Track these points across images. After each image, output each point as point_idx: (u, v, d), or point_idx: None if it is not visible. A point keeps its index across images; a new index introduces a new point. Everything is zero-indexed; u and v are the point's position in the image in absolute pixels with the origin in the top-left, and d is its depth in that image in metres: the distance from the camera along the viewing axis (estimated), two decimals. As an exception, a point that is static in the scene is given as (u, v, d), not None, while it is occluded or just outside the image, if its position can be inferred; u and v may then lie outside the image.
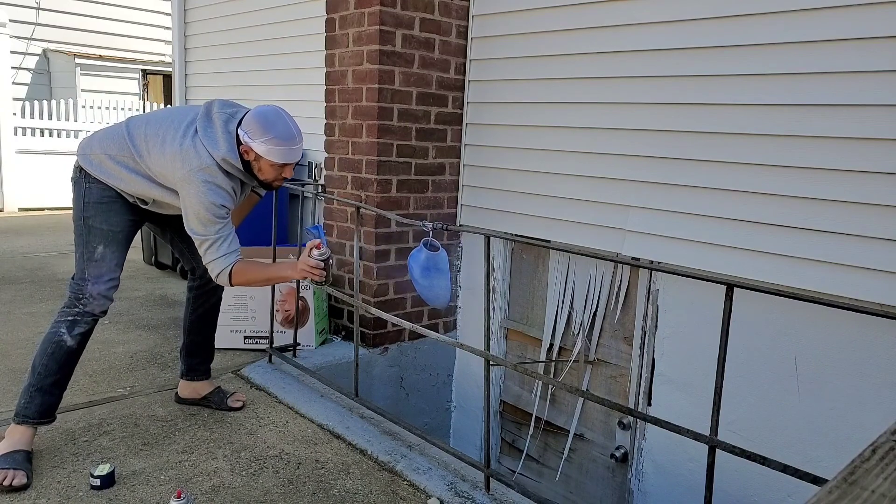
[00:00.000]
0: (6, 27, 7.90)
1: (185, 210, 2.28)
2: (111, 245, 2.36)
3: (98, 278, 2.34)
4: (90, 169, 2.36)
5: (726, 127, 2.66)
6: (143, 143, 2.32)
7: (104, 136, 2.40)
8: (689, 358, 2.88)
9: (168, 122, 2.33)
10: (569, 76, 3.19)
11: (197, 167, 2.24)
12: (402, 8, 3.38)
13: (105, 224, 2.36)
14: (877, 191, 2.30)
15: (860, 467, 0.62)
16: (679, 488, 2.94)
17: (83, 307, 2.34)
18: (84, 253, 2.34)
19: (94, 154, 2.37)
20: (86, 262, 2.34)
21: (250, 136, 2.26)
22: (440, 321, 3.86)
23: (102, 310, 2.38)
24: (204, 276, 2.61)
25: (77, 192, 2.38)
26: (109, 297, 2.39)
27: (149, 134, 2.32)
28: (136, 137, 2.34)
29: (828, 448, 2.48)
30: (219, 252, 2.30)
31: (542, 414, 3.57)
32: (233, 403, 2.77)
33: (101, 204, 2.36)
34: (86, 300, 2.33)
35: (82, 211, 2.36)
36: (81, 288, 2.33)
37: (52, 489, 2.13)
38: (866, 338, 2.39)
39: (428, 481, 2.29)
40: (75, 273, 2.37)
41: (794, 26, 2.44)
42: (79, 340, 2.34)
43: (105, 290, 2.36)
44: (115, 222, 2.38)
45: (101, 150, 2.36)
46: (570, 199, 3.23)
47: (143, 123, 2.37)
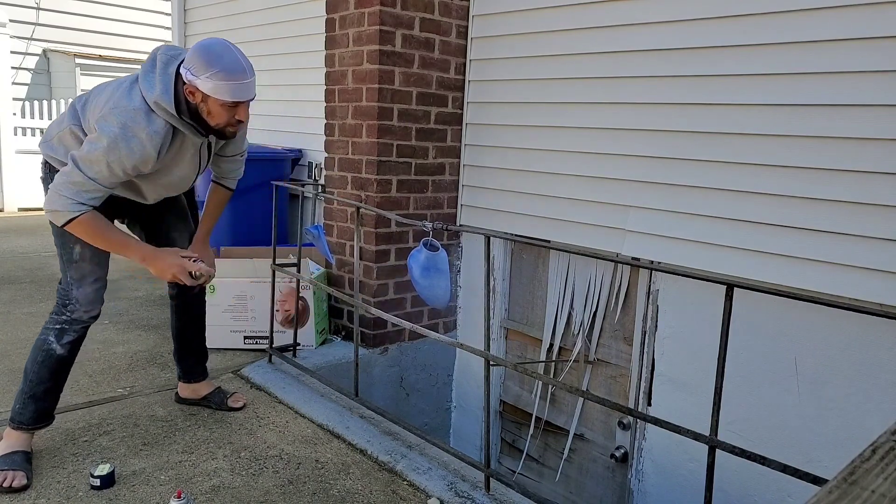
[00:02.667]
0: (6, 27, 7.89)
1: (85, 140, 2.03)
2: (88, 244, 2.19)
3: (81, 281, 2.20)
4: (55, 155, 2.17)
5: (726, 127, 2.66)
6: (91, 105, 2.11)
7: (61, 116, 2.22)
8: (689, 358, 2.88)
9: (115, 81, 2.13)
10: (569, 76, 3.19)
11: (122, 107, 1.98)
12: (402, 8, 3.38)
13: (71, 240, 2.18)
14: (877, 191, 2.30)
15: (860, 467, 0.62)
16: (679, 488, 2.94)
17: (70, 314, 2.22)
18: (63, 255, 2.21)
19: (54, 137, 2.17)
20: (66, 265, 2.21)
21: (193, 72, 1.98)
22: (440, 321, 3.86)
23: (91, 315, 2.27)
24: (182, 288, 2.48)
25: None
26: (97, 300, 2.26)
27: (95, 94, 2.11)
28: (86, 103, 2.14)
29: (828, 448, 2.48)
30: (76, 196, 2.01)
31: (542, 414, 3.56)
32: (233, 403, 2.74)
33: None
34: (72, 306, 2.22)
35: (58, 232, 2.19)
36: (67, 293, 2.22)
37: (52, 489, 2.13)
38: (866, 338, 2.39)
39: (428, 481, 2.29)
40: (61, 278, 2.27)
41: (794, 26, 2.44)
42: (69, 349, 2.26)
43: (91, 294, 2.23)
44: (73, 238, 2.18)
45: (58, 128, 2.17)
46: (570, 199, 3.23)
47: (94, 92, 2.17)
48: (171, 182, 2.27)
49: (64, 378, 2.32)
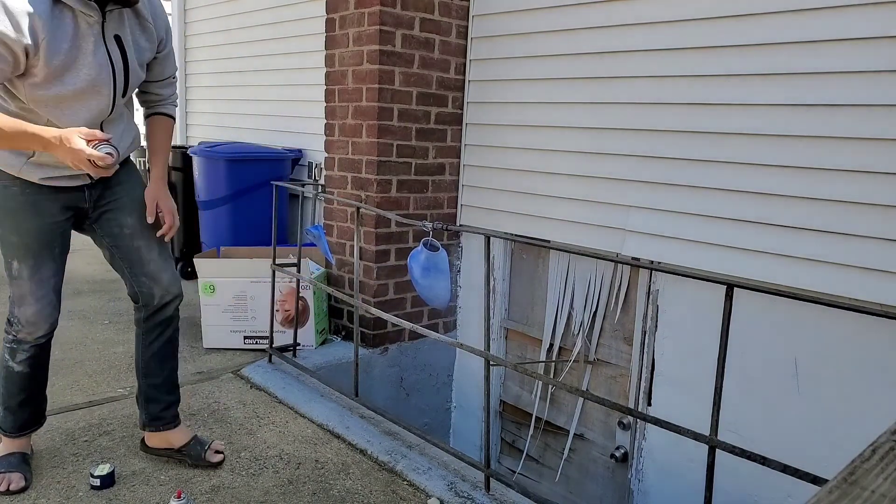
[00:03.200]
0: (6, 27, 7.87)
1: None
2: (27, 258, 1.94)
3: (21, 300, 1.98)
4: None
5: (726, 127, 2.66)
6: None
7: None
8: (689, 358, 2.88)
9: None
10: (569, 76, 3.19)
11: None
12: (402, 8, 3.38)
13: (14, 233, 1.92)
14: (877, 191, 2.29)
15: (860, 467, 0.62)
16: (679, 488, 2.94)
17: (16, 334, 2.02)
18: (5, 267, 1.96)
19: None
20: (8, 280, 1.98)
21: None
22: (440, 321, 3.86)
23: (38, 336, 2.02)
24: (153, 303, 2.15)
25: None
26: (42, 320, 2.00)
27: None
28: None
29: (828, 448, 2.48)
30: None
31: (542, 414, 3.57)
32: (212, 458, 2.29)
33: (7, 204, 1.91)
34: (17, 326, 2.01)
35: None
36: (10, 311, 2.01)
37: (52, 489, 2.13)
38: (866, 338, 2.39)
39: (428, 481, 2.29)
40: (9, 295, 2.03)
41: (794, 26, 2.44)
42: (28, 365, 2.07)
43: (32, 315, 1.98)
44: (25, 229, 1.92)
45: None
46: (571, 199, 3.23)
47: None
48: (78, 95, 1.79)
49: (37, 387, 2.15)
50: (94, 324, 3.74)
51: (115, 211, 2.08)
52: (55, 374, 3.02)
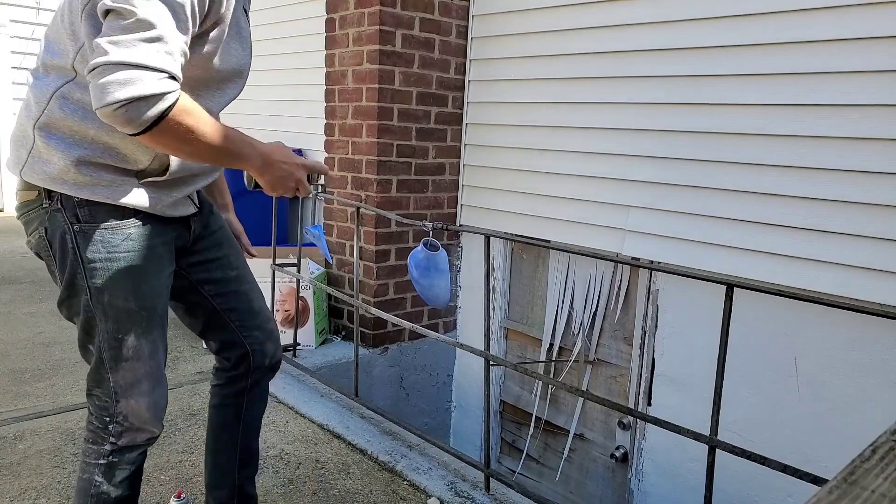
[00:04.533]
0: (6, 27, 7.90)
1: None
2: (149, 329, 1.40)
3: (132, 388, 1.40)
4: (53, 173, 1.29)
5: (726, 127, 2.66)
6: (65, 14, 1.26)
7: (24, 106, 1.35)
8: (689, 358, 2.88)
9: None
10: (569, 76, 3.19)
11: None
12: (402, 8, 3.38)
13: (130, 297, 1.36)
14: (877, 191, 2.30)
15: (860, 467, 0.62)
16: (679, 488, 2.94)
17: (116, 440, 1.42)
18: (102, 345, 1.37)
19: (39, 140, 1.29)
20: (108, 364, 1.38)
21: None
22: (440, 321, 3.86)
23: (152, 437, 1.47)
24: (266, 363, 1.65)
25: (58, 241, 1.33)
26: (159, 412, 1.46)
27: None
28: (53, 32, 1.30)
29: (828, 448, 2.48)
30: (155, 58, 1.11)
31: (542, 414, 3.57)
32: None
33: (119, 259, 1.34)
34: (117, 427, 1.42)
35: (84, 275, 1.33)
36: (106, 408, 1.41)
37: (52, 489, 2.13)
38: (866, 338, 2.39)
39: (428, 481, 2.29)
40: (91, 385, 1.42)
41: (794, 26, 2.44)
42: (130, 485, 1.49)
43: (148, 407, 1.43)
44: (149, 288, 1.38)
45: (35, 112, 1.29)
46: (570, 199, 3.23)
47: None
48: (223, 80, 1.38)
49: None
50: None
51: (217, 248, 1.59)
52: (55, 373, 3.03)
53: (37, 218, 1.35)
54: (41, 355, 3.24)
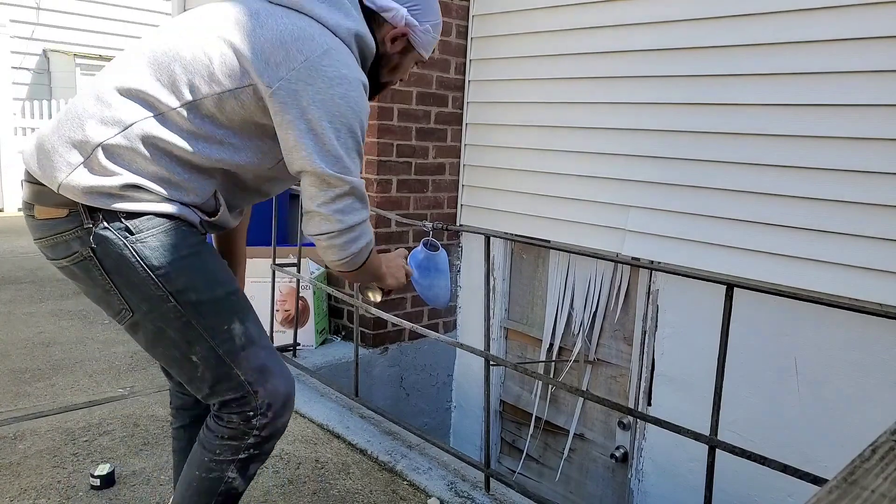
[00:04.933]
0: (6, 27, 7.90)
1: (297, 134, 1.28)
2: (248, 312, 1.40)
3: (266, 369, 1.38)
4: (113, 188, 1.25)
5: (726, 127, 2.66)
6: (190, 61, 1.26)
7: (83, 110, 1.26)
8: (689, 358, 2.88)
9: (222, 14, 1.31)
10: (569, 76, 3.19)
11: (321, 49, 1.28)
12: (402, 8, 3.38)
13: (211, 286, 1.34)
14: (877, 191, 2.30)
15: (860, 467, 0.62)
16: (679, 488, 2.94)
17: (261, 431, 1.39)
18: (211, 347, 1.33)
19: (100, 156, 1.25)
20: (228, 360, 1.35)
21: (418, 15, 1.45)
22: (440, 321, 3.86)
23: (287, 420, 1.45)
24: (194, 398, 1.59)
25: (117, 260, 1.28)
26: (293, 397, 1.45)
27: (190, 44, 1.28)
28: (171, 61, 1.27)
29: (828, 448, 2.48)
30: (362, 213, 1.37)
31: (542, 414, 3.57)
32: None
33: (183, 259, 1.31)
34: (265, 414, 1.38)
35: (160, 284, 1.29)
36: (246, 400, 1.37)
37: (52, 489, 2.13)
38: (866, 338, 2.39)
39: (428, 481, 2.29)
40: (214, 388, 1.37)
41: (794, 26, 2.44)
42: (250, 479, 1.49)
43: (288, 376, 1.43)
44: (218, 270, 1.38)
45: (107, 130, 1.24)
46: (570, 199, 3.23)
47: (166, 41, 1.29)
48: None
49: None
50: (94, 324, 3.75)
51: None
52: (55, 373, 3.03)
53: (74, 240, 1.27)
54: (41, 355, 3.24)
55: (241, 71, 1.26)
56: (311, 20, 1.32)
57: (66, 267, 1.32)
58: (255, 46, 1.26)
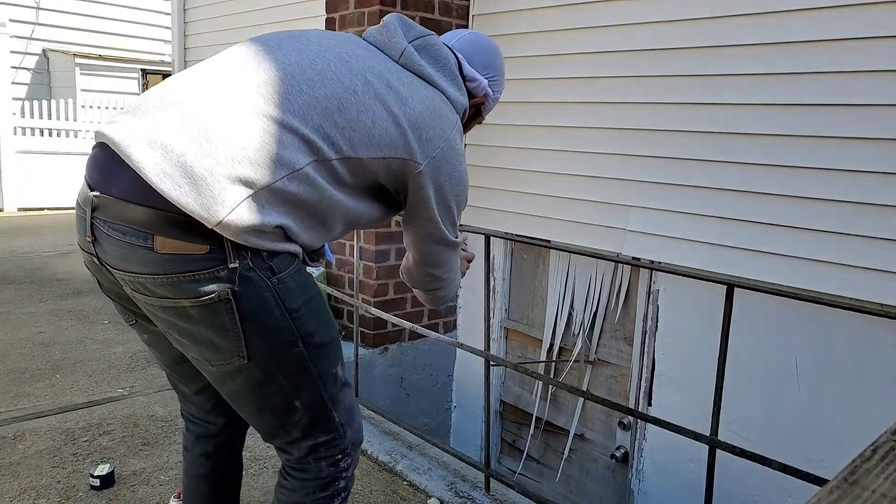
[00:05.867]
0: (6, 27, 7.90)
1: (434, 208, 1.36)
2: (341, 357, 1.36)
3: (353, 410, 1.38)
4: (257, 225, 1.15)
5: (726, 127, 2.66)
6: (353, 118, 1.23)
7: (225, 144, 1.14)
8: (690, 358, 2.88)
9: (367, 67, 1.29)
10: (569, 76, 3.18)
11: (453, 127, 1.36)
12: (402, 8, 3.38)
13: (330, 328, 1.32)
14: (877, 191, 2.30)
15: (860, 467, 0.62)
16: (679, 488, 2.94)
17: (347, 472, 1.39)
18: (317, 394, 1.29)
19: (264, 194, 1.16)
20: (327, 402, 1.31)
21: (495, 84, 1.57)
22: (440, 321, 3.86)
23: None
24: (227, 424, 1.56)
25: (256, 303, 1.19)
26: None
27: (339, 93, 1.23)
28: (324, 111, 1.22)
29: (828, 448, 2.48)
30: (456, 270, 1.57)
31: (543, 414, 3.56)
32: None
33: (314, 299, 1.28)
34: (350, 454, 1.38)
35: (293, 327, 1.23)
36: (336, 443, 1.34)
37: (52, 489, 2.13)
38: (866, 338, 2.39)
39: (428, 481, 2.29)
40: (308, 434, 1.32)
41: (794, 26, 2.44)
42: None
43: (361, 429, 1.43)
44: (329, 310, 1.35)
45: (277, 172, 1.16)
46: (571, 199, 3.23)
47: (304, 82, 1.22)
48: None
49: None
50: (94, 324, 3.75)
51: None
52: (55, 373, 3.03)
53: (212, 280, 1.15)
54: (41, 355, 3.24)
55: (399, 143, 1.27)
56: (440, 93, 1.36)
57: (179, 308, 1.18)
58: (410, 120, 1.27)
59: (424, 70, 1.36)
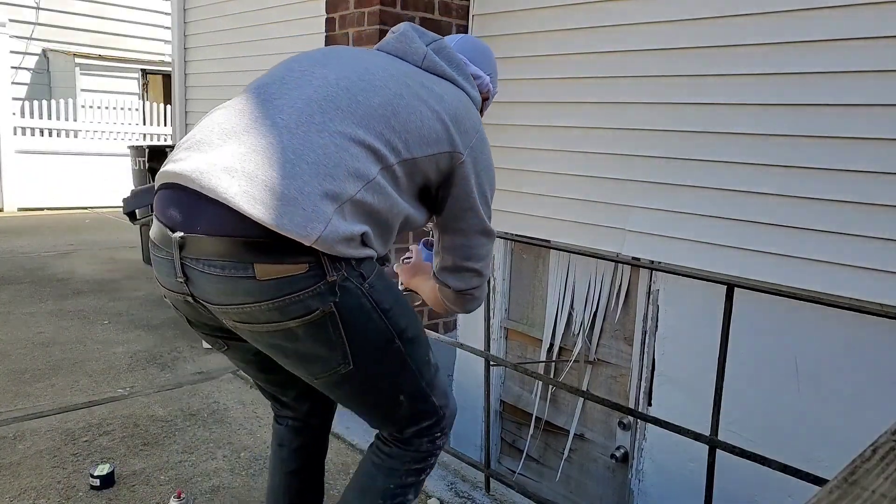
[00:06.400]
0: (6, 27, 7.90)
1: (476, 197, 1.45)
2: (429, 343, 1.44)
3: (447, 390, 1.47)
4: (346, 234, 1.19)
5: (726, 127, 2.66)
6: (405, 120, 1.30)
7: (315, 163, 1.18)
8: (690, 358, 2.88)
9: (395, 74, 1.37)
10: (568, 76, 3.18)
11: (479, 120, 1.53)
12: (402, 8, 3.38)
13: (418, 321, 1.39)
14: (877, 191, 2.29)
15: (860, 467, 0.62)
16: (679, 488, 2.94)
17: (440, 450, 1.48)
18: (417, 384, 1.37)
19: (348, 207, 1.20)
20: (425, 385, 1.38)
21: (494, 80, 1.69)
22: (440, 321, 3.86)
23: None
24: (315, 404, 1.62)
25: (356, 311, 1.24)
26: None
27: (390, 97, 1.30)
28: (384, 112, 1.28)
29: (828, 448, 2.48)
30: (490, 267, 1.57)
31: (543, 414, 3.56)
32: None
33: (399, 297, 1.35)
34: (444, 438, 1.46)
35: (389, 327, 1.29)
36: (437, 424, 1.43)
37: (52, 489, 2.13)
38: (866, 338, 2.39)
39: (428, 481, 2.29)
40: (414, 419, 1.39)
41: (794, 26, 2.44)
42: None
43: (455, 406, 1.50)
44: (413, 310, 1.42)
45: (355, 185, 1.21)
46: (571, 199, 3.23)
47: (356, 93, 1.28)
48: None
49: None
50: (94, 324, 3.75)
51: None
52: (55, 373, 3.03)
53: (314, 297, 1.18)
54: (41, 355, 3.24)
55: (444, 138, 1.34)
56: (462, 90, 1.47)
57: (286, 330, 1.20)
58: (450, 115, 1.36)
59: (446, 71, 1.46)
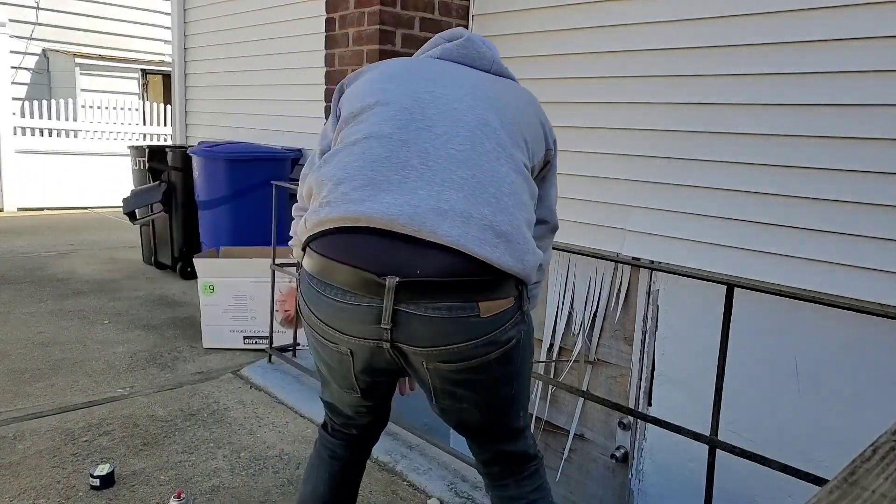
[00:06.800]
0: (6, 27, 7.89)
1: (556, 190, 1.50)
2: None
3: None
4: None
5: (726, 127, 2.65)
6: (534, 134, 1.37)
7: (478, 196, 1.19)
8: (690, 358, 2.88)
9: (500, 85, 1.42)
10: (568, 76, 3.18)
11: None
12: (402, 7, 3.38)
13: None
14: (877, 191, 2.29)
15: (861, 467, 0.62)
16: (679, 488, 2.94)
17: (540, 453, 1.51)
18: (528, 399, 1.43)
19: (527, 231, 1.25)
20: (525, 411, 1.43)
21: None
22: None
23: None
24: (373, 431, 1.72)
25: (531, 335, 1.31)
26: None
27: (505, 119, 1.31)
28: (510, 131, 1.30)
29: (828, 448, 2.48)
30: None
31: (543, 414, 3.56)
32: None
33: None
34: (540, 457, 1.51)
35: (532, 346, 1.36)
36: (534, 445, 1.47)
37: (52, 489, 2.13)
38: (866, 338, 2.39)
39: (428, 481, 2.29)
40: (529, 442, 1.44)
41: (794, 26, 2.44)
42: None
43: None
44: None
45: (530, 206, 1.28)
46: (571, 199, 3.22)
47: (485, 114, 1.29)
48: None
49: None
50: (94, 324, 3.75)
51: None
52: (55, 373, 3.03)
53: (512, 326, 1.21)
54: (41, 355, 3.24)
55: (542, 136, 1.39)
56: (525, 89, 1.50)
57: (484, 364, 1.20)
58: (539, 115, 1.42)
59: (510, 72, 1.51)
